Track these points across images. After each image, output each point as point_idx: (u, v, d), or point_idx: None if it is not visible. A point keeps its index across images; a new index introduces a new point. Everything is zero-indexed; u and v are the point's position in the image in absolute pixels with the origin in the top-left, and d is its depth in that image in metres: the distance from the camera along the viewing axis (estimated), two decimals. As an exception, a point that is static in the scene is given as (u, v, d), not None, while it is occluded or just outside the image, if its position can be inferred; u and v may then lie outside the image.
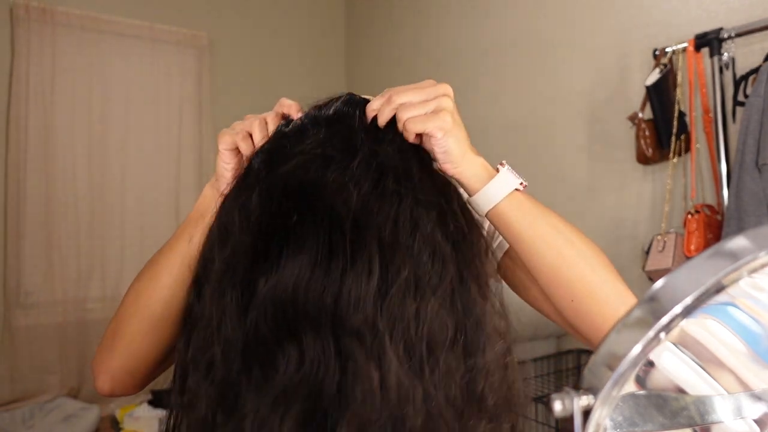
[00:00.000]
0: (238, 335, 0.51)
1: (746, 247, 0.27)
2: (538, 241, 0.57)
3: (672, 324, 0.26)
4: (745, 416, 0.29)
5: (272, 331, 0.50)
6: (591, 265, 0.57)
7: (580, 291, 0.56)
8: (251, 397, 0.49)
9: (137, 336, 0.65)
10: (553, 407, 0.26)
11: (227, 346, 0.51)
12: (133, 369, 0.66)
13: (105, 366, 0.66)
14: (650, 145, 1.90)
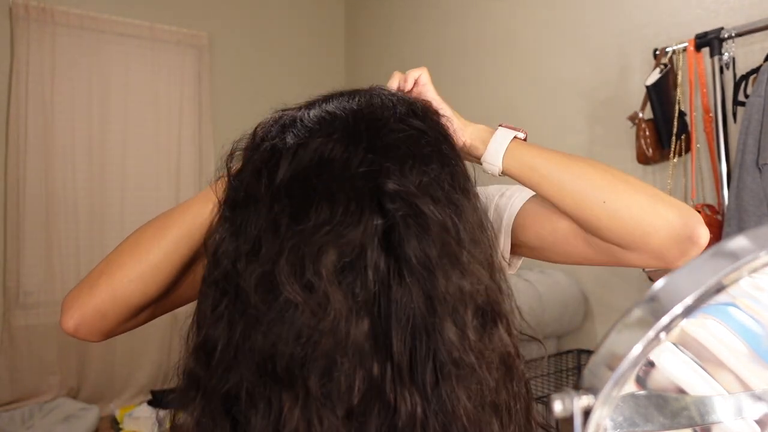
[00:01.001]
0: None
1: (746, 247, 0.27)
2: (554, 165, 0.64)
3: (672, 324, 0.26)
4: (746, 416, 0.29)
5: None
6: (606, 169, 0.65)
7: (607, 189, 0.62)
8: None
9: (125, 278, 0.65)
10: (553, 407, 0.26)
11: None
12: (107, 311, 0.66)
13: (79, 303, 0.66)
14: (650, 145, 1.90)
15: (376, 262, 0.53)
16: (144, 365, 2.95)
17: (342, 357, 0.51)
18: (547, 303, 2.03)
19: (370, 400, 0.51)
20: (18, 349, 2.71)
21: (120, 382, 2.90)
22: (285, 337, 0.52)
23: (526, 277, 2.08)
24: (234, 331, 0.55)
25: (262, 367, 0.53)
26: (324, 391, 0.51)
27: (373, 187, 0.55)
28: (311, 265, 0.52)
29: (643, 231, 0.60)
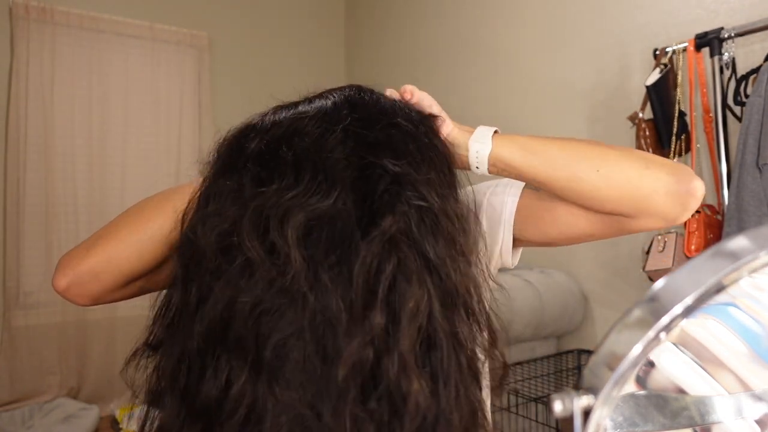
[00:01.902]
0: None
1: (747, 247, 0.27)
2: (543, 143, 0.65)
3: (672, 324, 0.26)
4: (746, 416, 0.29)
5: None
6: (593, 141, 0.65)
7: (599, 158, 0.62)
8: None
9: (123, 242, 0.67)
10: (553, 407, 0.26)
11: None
12: (101, 272, 0.67)
13: (74, 262, 0.67)
14: (650, 145, 1.90)
15: (349, 235, 0.53)
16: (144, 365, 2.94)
17: (299, 327, 0.51)
18: (547, 303, 2.03)
19: (326, 375, 0.50)
20: (18, 349, 2.71)
21: (120, 382, 2.89)
22: (240, 302, 0.52)
23: (526, 277, 2.08)
24: (189, 295, 0.56)
25: (213, 332, 0.53)
26: (277, 362, 0.51)
27: (348, 164, 0.56)
28: (277, 226, 0.53)
29: (641, 193, 0.60)
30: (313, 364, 0.51)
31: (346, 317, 0.51)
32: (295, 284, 0.51)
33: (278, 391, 0.50)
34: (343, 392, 0.49)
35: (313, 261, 0.52)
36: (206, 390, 0.52)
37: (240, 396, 0.51)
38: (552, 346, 2.19)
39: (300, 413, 0.50)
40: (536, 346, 2.10)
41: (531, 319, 1.97)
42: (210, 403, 0.52)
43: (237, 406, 0.51)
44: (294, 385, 0.50)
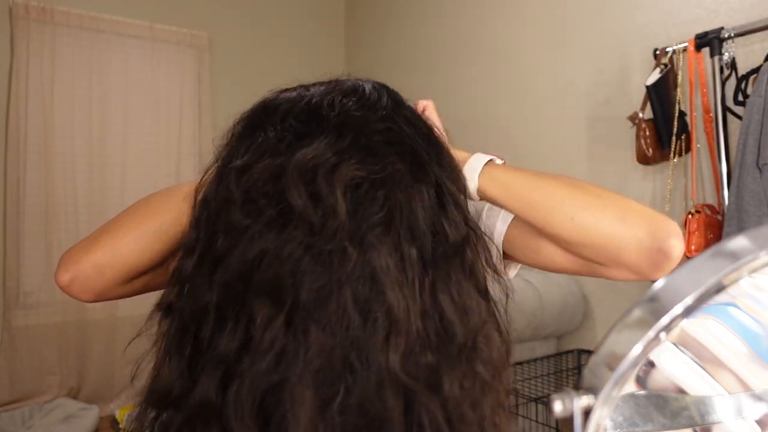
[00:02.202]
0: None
1: (747, 247, 0.27)
2: (525, 182, 0.66)
3: (672, 324, 0.26)
4: (746, 416, 0.29)
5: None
6: (578, 185, 0.65)
7: (575, 206, 0.63)
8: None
9: (127, 237, 0.66)
10: (553, 407, 0.26)
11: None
12: (105, 267, 0.66)
13: (78, 257, 0.67)
14: (650, 145, 1.90)
15: (400, 198, 0.55)
16: (144, 365, 2.94)
17: (338, 279, 0.51)
18: (547, 303, 2.03)
19: (363, 327, 0.51)
20: (18, 349, 2.71)
21: (120, 382, 2.90)
22: (278, 247, 0.53)
23: (526, 277, 2.08)
24: (212, 246, 0.56)
25: (241, 279, 0.53)
26: (315, 306, 0.51)
27: (391, 135, 0.60)
28: (325, 176, 0.54)
29: (613, 246, 0.60)
30: (350, 315, 0.51)
31: (391, 275, 0.52)
32: (338, 237, 0.52)
33: (313, 335, 0.51)
34: (382, 347, 0.51)
35: (358, 217, 0.54)
36: (225, 342, 0.52)
37: (271, 342, 0.51)
38: (552, 346, 2.19)
39: (330, 361, 0.51)
40: (536, 346, 2.10)
41: (531, 319, 1.97)
42: (228, 355, 0.52)
43: (265, 353, 0.51)
44: (329, 332, 0.51)
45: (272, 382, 0.51)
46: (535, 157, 2.41)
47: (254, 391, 0.51)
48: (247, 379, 0.51)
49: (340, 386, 0.51)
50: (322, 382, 0.51)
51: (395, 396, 0.51)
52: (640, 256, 0.59)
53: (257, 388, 0.51)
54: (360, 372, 0.51)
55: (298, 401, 0.50)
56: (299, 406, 0.50)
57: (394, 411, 0.51)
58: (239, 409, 0.51)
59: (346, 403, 0.50)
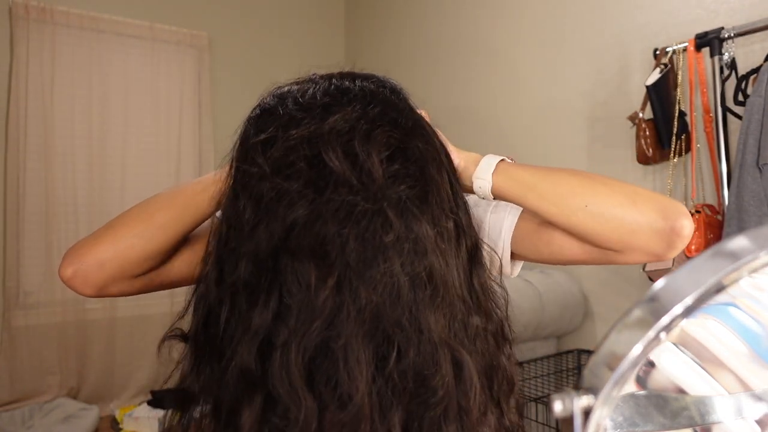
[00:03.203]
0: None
1: (747, 247, 0.27)
2: (537, 176, 0.67)
3: (672, 324, 0.26)
4: (746, 416, 0.29)
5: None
6: (586, 175, 0.68)
7: (587, 194, 0.64)
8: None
9: (130, 233, 0.68)
10: (553, 407, 0.26)
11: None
12: (107, 262, 0.67)
13: (81, 252, 0.68)
14: (650, 145, 1.90)
15: (435, 174, 0.59)
16: (144, 365, 2.95)
17: (382, 243, 0.53)
18: (547, 303, 2.03)
19: (410, 288, 0.54)
20: (18, 349, 2.71)
21: (120, 382, 2.90)
22: (315, 212, 0.53)
23: (526, 277, 2.08)
24: (243, 215, 0.57)
25: (269, 252, 0.54)
26: (362, 266, 0.53)
27: (415, 117, 0.63)
28: (362, 142, 0.56)
29: (627, 229, 0.62)
30: (397, 277, 0.53)
31: (432, 242, 0.55)
32: (379, 200, 0.54)
33: (363, 295, 0.52)
34: (430, 308, 0.53)
35: (396, 187, 0.56)
36: (259, 315, 0.53)
37: (322, 303, 0.52)
38: (552, 346, 2.19)
39: (381, 321, 0.52)
40: (536, 346, 2.10)
41: (531, 319, 1.97)
42: (263, 326, 0.53)
43: (314, 314, 0.52)
44: (378, 292, 0.52)
45: (323, 344, 0.52)
46: (535, 157, 2.41)
47: (302, 354, 0.52)
48: (293, 343, 0.52)
49: (391, 345, 0.52)
50: (374, 341, 0.52)
51: (445, 357, 0.53)
52: (653, 238, 0.61)
53: (305, 350, 0.52)
54: (410, 332, 0.53)
55: (352, 360, 0.51)
56: (354, 365, 0.51)
57: (445, 371, 0.53)
58: (287, 373, 0.51)
59: (398, 361, 0.52)
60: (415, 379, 0.53)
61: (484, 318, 0.59)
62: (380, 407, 0.52)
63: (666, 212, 0.61)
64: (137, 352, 2.93)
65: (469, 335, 0.57)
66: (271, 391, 0.52)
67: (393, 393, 0.52)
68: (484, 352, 0.58)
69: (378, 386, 0.52)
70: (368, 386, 0.51)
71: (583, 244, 0.66)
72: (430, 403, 0.53)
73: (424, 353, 0.53)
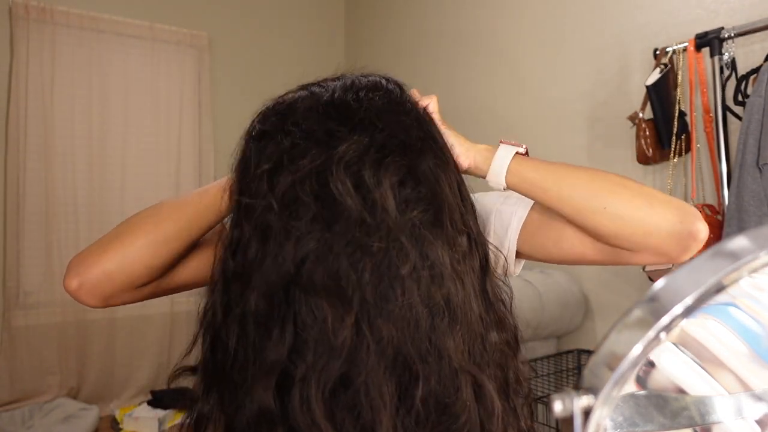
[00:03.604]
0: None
1: (747, 247, 0.27)
2: (553, 178, 0.67)
3: (672, 324, 0.26)
4: (746, 416, 0.29)
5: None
6: (604, 176, 0.67)
7: (607, 196, 0.64)
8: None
9: (137, 244, 0.66)
10: (553, 407, 0.26)
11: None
12: (114, 273, 0.66)
13: (87, 263, 0.66)
14: (650, 145, 1.90)
15: (446, 199, 0.59)
16: (144, 365, 2.95)
17: (398, 274, 0.53)
18: (547, 303, 2.03)
19: (429, 318, 0.54)
20: (18, 349, 2.71)
21: (120, 382, 2.90)
22: (325, 248, 0.53)
23: (526, 277, 2.08)
24: (247, 250, 0.56)
25: (281, 286, 0.53)
26: (381, 301, 0.53)
27: (421, 133, 0.62)
28: (372, 172, 0.55)
29: (644, 231, 0.61)
30: (416, 308, 0.53)
31: (448, 267, 0.55)
32: (392, 232, 0.54)
33: (383, 329, 0.52)
34: (448, 336, 0.54)
35: (409, 213, 0.56)
36: (274, 349, 0.53)
37: (341, 339, 0.51)
38: (552, 346, 2.19)
39: (401, 353, 0.52)
40: (536, 346, 2.10)
41: (531, 319, 1.97)
42: (279, 360, 0.52)
43: (334, 350, 0.51)
44: (398, 325, 0.52)
45: (343, 378, 0.52)
46: (535, 157, 2.41)
47: (322, 389, 0.51)
48: (313, 378, 0.51)
49: (413, 376, 0.53)
50: (395, 372, 0.52)
51: (466, 382, 0.54)
52: (669, 240, 0.61)
53: (326, 385, 0.51)
54: (430, 360, 0.53)
55: (374, 392, 0.51)
56: (376, 397, 0.51)
57: (466, 396, 0.53)
58: (308, 409, 0.51)
59: (420, 390, 0.52)
60: (437, 407, 0.53)
61: (500, 330, 0.60)
62: None
63: (684, 216, 0.61)
64: (137, 352, 2.93)
65: (488, 352, 0.57)
66: (290, 425, 0.52)
67: (417, 423, 0.52)
68: (501, 364, 0.59)
69: (401, 417, 0.52)
70: (392, 418, 0.51)
71: (596, 243, 0.66)
72: (453, 429, 0.53)
73: (444, 380, 0.53)
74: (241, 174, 0.61)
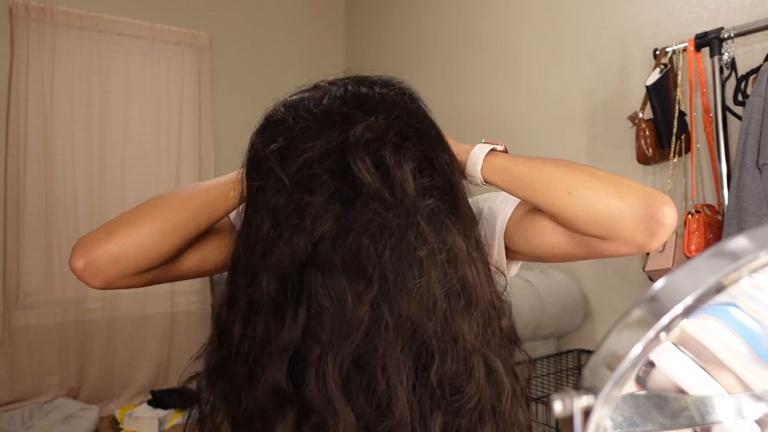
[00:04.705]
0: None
1: (747, 247, 0.27)
2: (524, 166, 0.68)
3: (672, 324, 0.26)
4: (746, 416, 0.29)
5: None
6: (573, 165, 0.67)
7: (572, 182, 0.65)
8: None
9: (145, 229, 0.67)
10: (553, 407, 0.26)
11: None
12: (120, 256, 0.66)
13: (93, 244, 0.66)
14: (650, 145, 1.90)
15: (460, 189, 0.62)
16: (144, 365, 2.95)
17: (417, 256, 0.54)
18: (547, 303, 2.03)
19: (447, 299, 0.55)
20: (18, 349, 2.71)
21: (120, 382, 2.90)
22: (346, 225, 0.54)
23: (526, 277, 2.08)
24: (259, 231, 0.56)
25: (295, 266, 0.53)
26: (399, 279, 0.53)
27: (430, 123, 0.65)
28: (392, 154, 0.56)
29: (609, 216, 0.62)
30: (433, 289, 0.54)
31: (464, 254, 0.57)
32: (412, 215, 0.55)
33: (401, 307, 0.53)
34: (464, 318, 0.55)
35: (429, 200, 0.57)
36: (287, 330, 0.53)
37: (360, 316, 0.52)
38: (552, 346, 2.19)
39: (418, 332, 0.53)
40: (536, 346, 2.10)
41: (531, 319, 1.97)
42: (293, 341, 0.53)
43: (352, 327, 0.52)
44: (415, 304, 0.53)
45: (359, 356, 0.52)
46: (535, 157, 2.41)
47: (339, 367, 0.52)
48: (329, 356, 0.52)
49: (429, 355, 0.54)
50: (412, 351, 0.53)
51: (479, 363, 0.55)
52: (636, 225, 0.61)
53: (342, 364, 0.52)
54: (446, 341, 0.54)
55: (391, 369, 0.52)
56: (393, 374, 0.52)
57: (479, 377, 0.55)
58: (324, 387, 0.52)
59: (436, 370, 0.54)
60: (451, 386, 0.54)
61: (508, 320, 0.62)
62: (420, 415, 0.53)
63: (647, 200, 0.61)
64: (137, 352, 2.93)
65: (499, 337, 0.59)
66: (304, 404, 0.52)
67: (432, 400, 0.53)
68: (508, 354, 0.61)
69: (418, 395, 0.53)
70: (408, 396, 0.52)
71: (568, 233, 0.67)
72: (467, 409, 0.54)
73: (458, 361, 0.54)
74: (251, 162, 0.62)
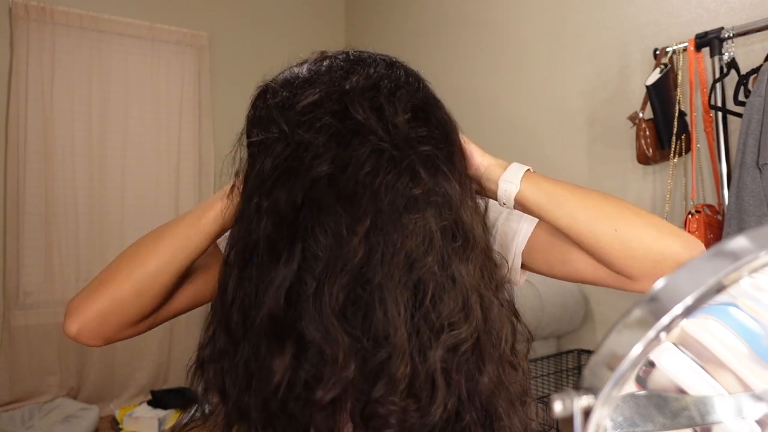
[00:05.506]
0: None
1: (747, 247, 0.27)
2: (569, 193, 0.66)
3: (672, 324, 0.26)
4: (746, 417, 0.29)
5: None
6: (617, 201, 0.66)
7: (619, 219, 0.63)
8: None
9: (124, 284, 0.67)
10: (553, 407, 0.26)
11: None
12: (108, 316, 0.67)
13: (81, 308, 0.67)
14: (650, 145, 1.90)
15: (456, 142, 0.62)
16: (144, 365, 2.95)
17: (413, 196, 0.54)
18: (547, 303, 2.03)
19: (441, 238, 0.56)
20: (18, 349, 2.71)
21: (120, 382, 2.90)
22: (344, 160, 0.54)
23: (526, 277, 2.07)
24: (263, 171, 0.57)
25: (291, 206, 0.54)
26: (394, 215, 0.54)
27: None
28: (388, 97, 0.57)
29: (652, 260, 0.61)
30: (430, 227, 0.55)
31: (460, 199, 0.57)
32: (409, 153, 0.55)
33: (397, 241, 0.53)
34: (461, 258, 0.56)
35: (425, 145, 0.57)
36: (283, 267, 0.53)
37: (354, 249, 0.52)
38: (552, 346, 2.19)
39: (414, 267, 0.53)
40: (536, 346, 2.10)
41: (531, 319, 1.97)
42: (288, 276, 0.53)
43: (349, 258, 0.52)
44: (411, 240, 0.54)
45: (355, 287, 0.53)
46: (535, 157, 2.41)
47: (335, 297, 0.52)
48: (326, 287, 0.52)
49: (426, 290, 0.54)
50: (408, 284, 0.53)
51: (476, 303, 0.55)
52: (674, 269, 0.60)
53: (338, 294, 0.52)
54: (443, 279, 0.54)
55: (388, 299, 0.52)
56: (391, 304, 0.52)
57: (476, 316, 0.55)
58: (320, 316, 0.52)
59: (433, 305, 0.54)
60: (449, 323, 0.54)
61: (505, 277, 0.63)
62: (419, 346, 0.53)
63: (690, 246, 0.61)
64: (137, 352, 2.93)
65: (496, 281, 0.60)
66: (302, 337, 0.53)
67: (431, 332, 0.53)
68: (506, 306, 0.61)
69: (416, 325, 0.53)
70: (406, 325, 0.52)
71: (599, 267, 0.65)
72: (462, 350, 0.54)
73: (456, 299, 0.54)
74: (251, 120, 0.62)
